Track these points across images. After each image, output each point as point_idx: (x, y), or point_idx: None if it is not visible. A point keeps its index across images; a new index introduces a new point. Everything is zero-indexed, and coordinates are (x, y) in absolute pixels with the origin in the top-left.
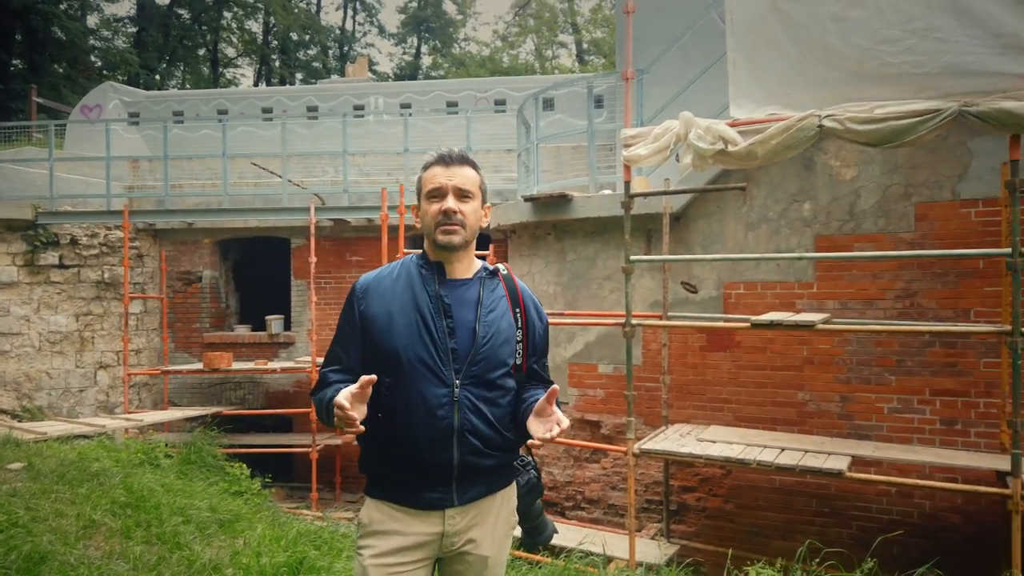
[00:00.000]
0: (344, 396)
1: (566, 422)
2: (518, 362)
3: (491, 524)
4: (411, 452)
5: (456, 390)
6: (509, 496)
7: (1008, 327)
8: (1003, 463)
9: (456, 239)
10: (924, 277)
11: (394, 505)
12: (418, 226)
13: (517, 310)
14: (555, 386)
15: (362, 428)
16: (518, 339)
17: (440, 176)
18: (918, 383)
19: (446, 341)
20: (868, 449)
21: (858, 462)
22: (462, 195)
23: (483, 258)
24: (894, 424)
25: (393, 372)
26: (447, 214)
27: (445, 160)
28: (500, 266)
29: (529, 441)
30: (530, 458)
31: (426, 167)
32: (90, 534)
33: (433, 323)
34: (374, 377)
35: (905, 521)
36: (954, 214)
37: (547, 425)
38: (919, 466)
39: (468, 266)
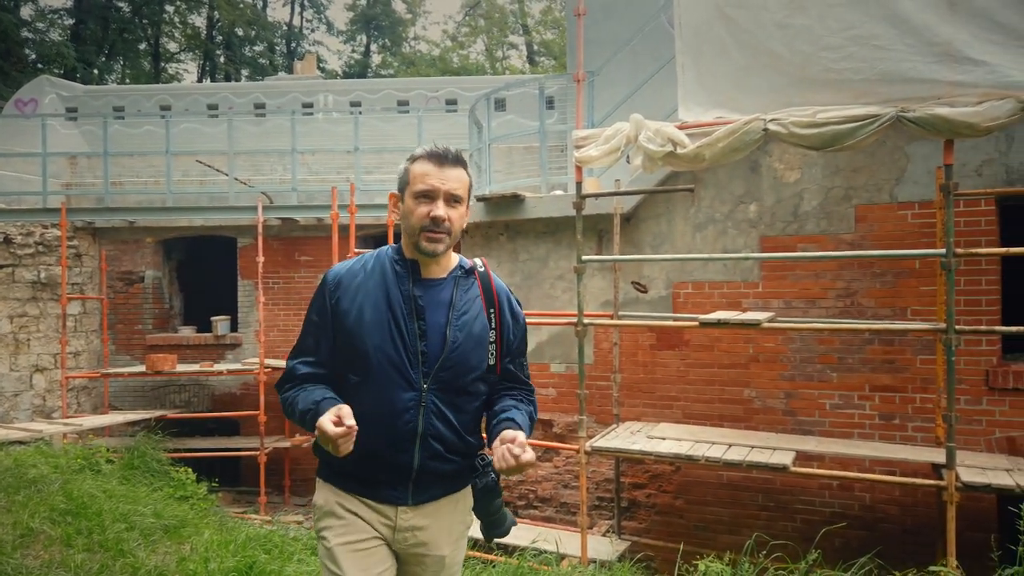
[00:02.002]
0: (334, 429)
1: (528, 456)
2: (491, 363)
3: (446, 525)
4: (371, 451)
5: (423, 394)
6: (465, 496)
7: (943, 324)
8: (939, 456)
9: (440, 247)
10: (864, 277)
11: (349, 495)
12: (395, 218)
13: (492, 310)
14: (520, 434)
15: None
16: (491, 340)
17: (433, 177)
18: (858, 379)
19: (416, 343)
20: (811, 444)
21: (802, 457)
22: (453, 200)
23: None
24: (836, 419)
25: (361, 371)
26: (436, 221)
27: (440, 159)
28: (477, 262)
29: (500, 455)
30: (490, 458)
31: (415, 160)
32: (28, 543)
33: (404, 324)
34: (354, 426)
35: (847, 514)
36: (892, 216)
37: (507, 457)
38: (859, 460)
39: (445, 265)
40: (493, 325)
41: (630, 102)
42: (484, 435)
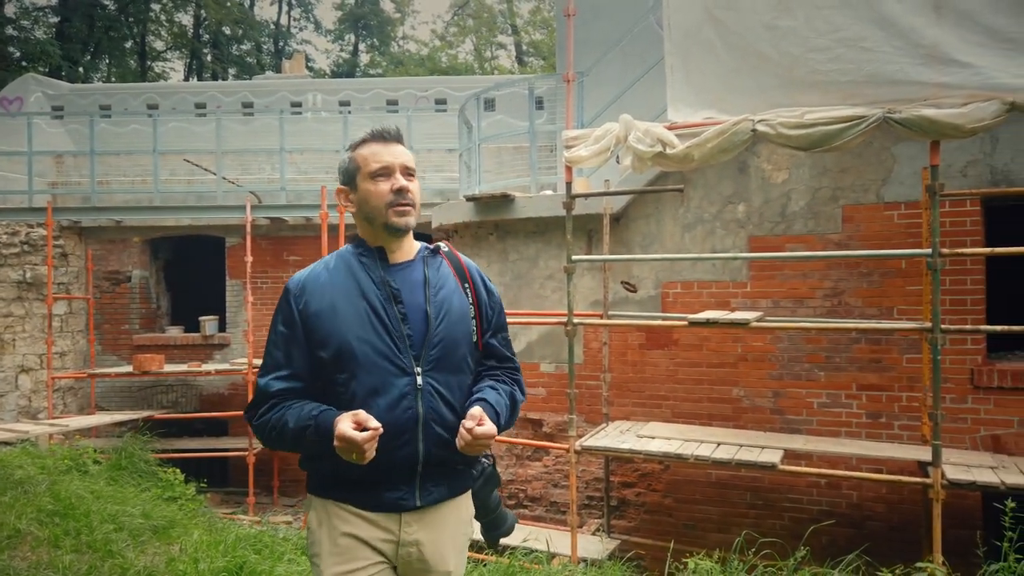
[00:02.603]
0: (361, 434)
1: (483, 428)
2: (474, 339)
3: (450, 536)
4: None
5: (418, 378)
6: (466, 502)
7: (929, 324)
8: (925, 454)
9: (411, 219)
10: (851, 276)
11: (345, 506)
12: (350, 210)
13: (466, 285)
14: (477, 409)
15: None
16: (471, 315)
17: (384, 154)
18: (845, 378)
19: (400, 327)
20: (799, 443)
21: (790, 455)
22: (409, 173)
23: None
24: (823, 418)
25: (347, 367)
26: (401, 192)
27: (384, 137)
28: (441, 244)
29: (459, 434)
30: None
31: (358, 146)
32: (15, 544)
33: (384, 310)
34: (380, 428)
35: (834, 511)
36: (878, 216)
37: (463, 434)
38: (847, 458)
39: (410, 247)
40: (471, 300)
41: (619, 103)
42: None
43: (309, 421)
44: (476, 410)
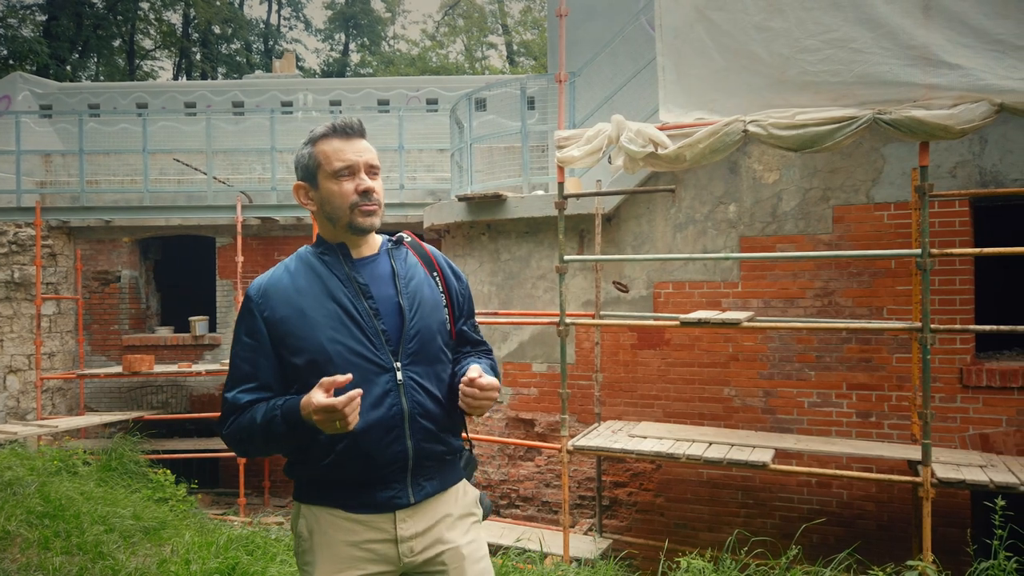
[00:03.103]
0: (335, 399)
1: (487, 379)
2: (448, 327)
3: (450, 520)
4: (360, 451)
5: (398, 373)
6: (463, 490)
7: (918, 324)
8: (914, 453)
9: (377, 220)
10: (841, 276)
11: (335, 511)
12: (309, 208)
13: (435, 274)
14: (473, 367)
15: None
16: (443, 304)
17: (347, 152)
18: (836, 378)
19: (373, 323)
20: (790, 442)
21: (781, 454)
22: (373, 172)
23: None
24: (814, 417)
25: (323, 371)
26: (367, 194)
27: (347, 132)
28: (403, 234)
29: (461, 394)
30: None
31: (318, 140)
32: (5, 546)
33: (354, 307)
34: (349, 376)
35: (824, 510)
36: (868, 216)
37: (467, 390)
38: (837, 457)
39: (373, 242)
40: (441, 289)
41: (610, 103)
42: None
43: (275, 411)
44: (473, 367)
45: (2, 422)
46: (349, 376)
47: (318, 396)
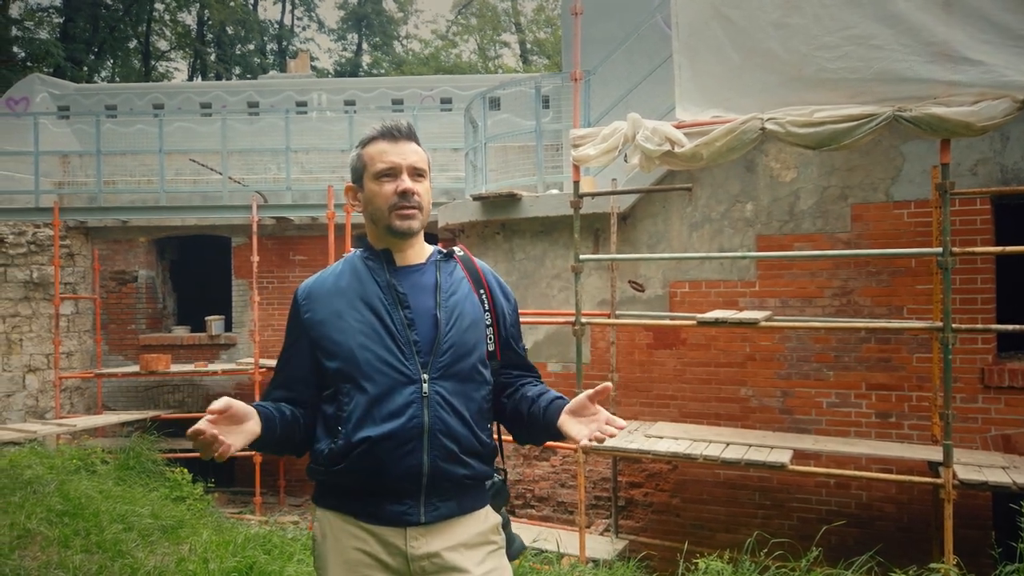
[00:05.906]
0: (207, 421)
1: (621, 423)
2: (490, 348)
3: (465, 545)
4: (374, 459)
5: (424, 386)
6: (484, 517)
7: (939, 323)
8: (935, 454)
9: (415, 224)
10: (860, 276)
11: (347, 517)
12: (356, 210)
13: (481, 291)
14: (607, 384)
15: (230, 447)
16: (487, 323)
17: (391, 154)
18: (854, 378)
19: (407, 333)
20: (808, 442)
21: (799, 455)
22: (417, 174)
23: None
24: (832, 418)
25: (351, 376)
26: (405, 195)
27: (393, 135)
28: (456, 248)
29: (570, 440)
30: (503, 468)
31: (367, 143)
32: (25, 544)
33: (389, 315)
34: (227, 403)
35: (843, 512)
36: (888, 215)
37: (593, 426)
38: (856, 458)
39: (420, 250)
40: (487, 307)
41: (626, 101)
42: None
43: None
44: (602, 411)
45: (21, 421)
46: (227, 404)
47: (200, 424)
